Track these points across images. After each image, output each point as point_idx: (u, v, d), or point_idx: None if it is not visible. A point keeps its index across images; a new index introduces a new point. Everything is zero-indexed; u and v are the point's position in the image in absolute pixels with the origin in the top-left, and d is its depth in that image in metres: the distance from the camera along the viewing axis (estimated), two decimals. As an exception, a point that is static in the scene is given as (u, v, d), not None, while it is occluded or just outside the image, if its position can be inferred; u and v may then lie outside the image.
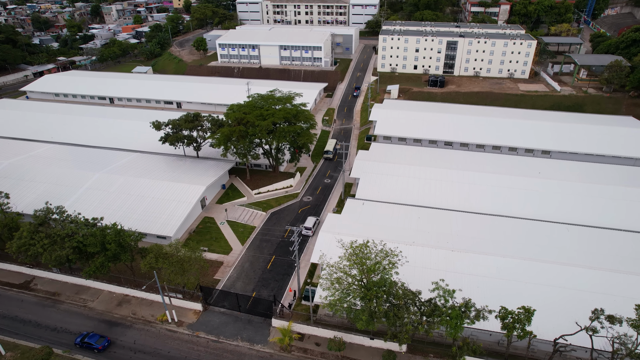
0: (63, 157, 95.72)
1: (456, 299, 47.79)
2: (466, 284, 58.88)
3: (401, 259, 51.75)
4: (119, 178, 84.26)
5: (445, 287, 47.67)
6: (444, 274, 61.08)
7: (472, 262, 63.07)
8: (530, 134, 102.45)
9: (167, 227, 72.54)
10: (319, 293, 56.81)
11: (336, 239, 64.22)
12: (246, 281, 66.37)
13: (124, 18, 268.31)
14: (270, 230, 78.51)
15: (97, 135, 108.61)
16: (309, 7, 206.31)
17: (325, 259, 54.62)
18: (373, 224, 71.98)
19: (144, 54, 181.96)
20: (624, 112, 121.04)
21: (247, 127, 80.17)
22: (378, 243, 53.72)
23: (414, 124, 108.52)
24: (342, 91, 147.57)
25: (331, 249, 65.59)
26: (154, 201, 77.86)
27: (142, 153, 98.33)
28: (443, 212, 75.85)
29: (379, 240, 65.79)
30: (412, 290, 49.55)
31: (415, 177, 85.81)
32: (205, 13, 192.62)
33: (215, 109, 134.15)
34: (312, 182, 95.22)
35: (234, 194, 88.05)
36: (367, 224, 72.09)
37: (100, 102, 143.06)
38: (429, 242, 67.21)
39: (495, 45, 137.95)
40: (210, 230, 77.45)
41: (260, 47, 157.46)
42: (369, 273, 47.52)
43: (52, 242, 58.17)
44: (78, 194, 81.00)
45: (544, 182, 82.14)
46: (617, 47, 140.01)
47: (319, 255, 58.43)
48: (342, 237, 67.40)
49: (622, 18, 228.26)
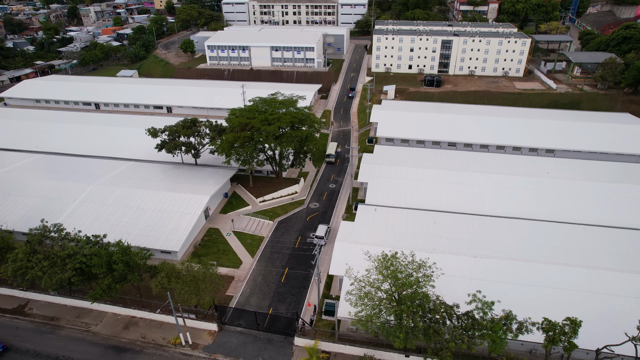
0: (51, 168, 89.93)
1: (494, 310, 45.45)
2: (493, 292, 56.33)
3: (435, 270, 49.10)
4: (115, 189, 79.31)
5: (482, 299, 45.28)
6: (469, 282, 59.11)
7: (496, 268, 61.05)
8: (533, 132, 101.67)
9: (171, 241, 68.24)
10: (344, 308, 53.80)
11: (362, 250, 61.33)
12: (261, 296, 62.73)
13: (103, 20, 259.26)
14: (279, 240, 75.00)
15: (86, 144, 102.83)
16: (297, 7, 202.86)
17: (352, 272, 51.51)
18: (388, 231, 69.36)
19: (128, 57, 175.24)
20: (620, 109, 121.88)
21: (252, 133, 76.39)
22: (408, 254, 50.93)
23: (416, 125, 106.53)
24: (337, 92, 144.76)
25: (349, 259, 62.77)
26: (156, 213, 73.35)
27: (137, 162, 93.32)
28: (458, 216, 73.77)
29: (399, 249, 63.51)
30: (447, 303, 46.95)
31: (424, 180, 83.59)
32: (191, 14, 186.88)
33: (208, 113, 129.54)
34: (317, 188, 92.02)
35: (237, 202, 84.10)
36: (382, 231, 69.41)
37: (85, 108, 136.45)
38: (449, 248, 64.93)
39: (490, 44, 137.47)
40: (216, 243, 73.42)
41: (251, 48, 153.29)
42: (406, 288, 44.67)
43: (52, 263, 53.40)
44: (72, 208, 75.75)
45: (556, 182, 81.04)
46: (608, 45, 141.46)
47: (345, 268, 55.26)
48: (359, 246, 64.58)
49: (603, 16, 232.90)
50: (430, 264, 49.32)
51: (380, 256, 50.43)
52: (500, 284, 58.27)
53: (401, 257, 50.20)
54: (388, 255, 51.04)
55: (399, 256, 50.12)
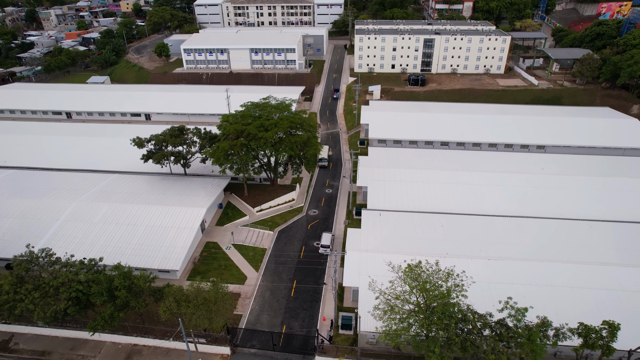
0: (25, 185, 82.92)
1: (526, 317, 43.96)
2: (512, 295, 55.48)
3: (465, 279, 47.22)
4: (101, 205, 73.66)
5: (514, 305, 43.71)
6: (487, 286, 57.79)
7: (511, 269, 60.04)
8: (523, 129, 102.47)
9: (170, 259, 63.61)
10: (368, 322, 51.29)
11: (375, 258, 59.16)
12: (271, 313, 59.25)
13: (65, 23, 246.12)
14: (283, 251, 71.62)
15: (62, 157, 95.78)
16: (272, 7, 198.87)
17: (376, 285, 48.95)
18: (397, 237, 67.37)
19: (97, 63, 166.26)
20: (599, 103, 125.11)
21: (248, 140, 72.62)
22: (432, 262, 48.86)
23: (407, 125, 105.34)
24: (321, 94, 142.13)
25: (362, 269, 60.33)
26: (150, 230, 68.42)
27: (121, 174, 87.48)
28: (464, 217, 72.64)
29: (412, 255, 61.67)
30: (477, 312, 45.16)
31: (425, 181, 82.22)
32: (164, 16, 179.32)
33: (190, 120, 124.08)
34: (314, 194, 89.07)
35: (234, 213, 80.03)
36: (391, 237, 67.36)
37: (55, 118, 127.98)
38: (462, 252, 63.56)
39: (472, 42, 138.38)
40: (216, 257, 69.25)
41: (229, 51, 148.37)
42: (440, 300, 42.48)
43: (44, 294, 48.14)
44: (54, 229, 69.67)
45: (555, 178, 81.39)
46: (582, 41, 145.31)
47: (368, 281, 52.60)
48: (371, 254, 62.37)
49: (567, 13, 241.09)
50: (458, 271, 47.43)
51: (404, 266, 48.21)
52: (518, 285, 57.18)
53: (425, 265, 48.11)
54: (411, 264, 48.99)
55: (423, 265, 48.04)
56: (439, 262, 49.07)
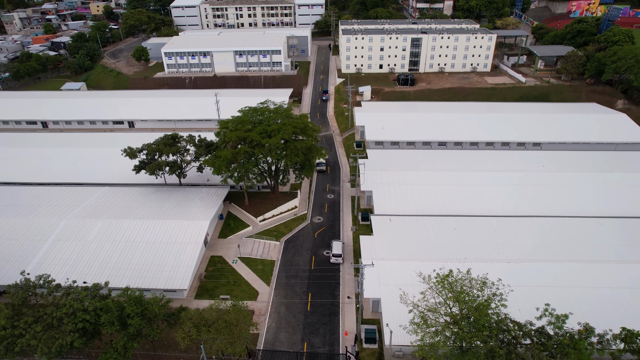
0: (4, 202, 76.61)
1: (566, 324, 42.65)
2: (537, 298, 54.49)
3: (500, 287, 45.51)
4: (95, 222, 68.56)
5: (552, 312, 42.31)
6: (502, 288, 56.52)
7: (532, 272, 59.10)
8: (518, 127, 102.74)
9: (177, 277, 59.48)
10: (400, 336, 49.04)
11: (393, 267, 56.95)
12: (290, 330, 56.15)
13: (30, 27, 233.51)
14: (292, 262, 68.54)
15: (42, 169, 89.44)
16: (252, 9, 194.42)
17: (408, 298, 46.69)
18: (412, 243, 65.49)
19: (70, 68, 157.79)
20: (584, 98, 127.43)
21: (252, 147, 69.14)
22: (464, 271, 47.01)
23: (403, 126, 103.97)
24: (310, 96, 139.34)
25: (382, 278, 58.11)
26: (151, 247, 64.00)
27: (111, 186, 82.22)
28: (475, 219, 71.52)
29: (430, 261, 59.97)
30: (517, 320, 43.58)
31: (430, 183, 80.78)
32: (140, 19, 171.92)
33: (176, 126, 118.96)
34: (315, 200, 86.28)
35: (236, 224, 76.24)
36: (405, 243, 65.41)
37: (29, 128, 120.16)
38: (481, 255, 62.24)
39: (459, 41, 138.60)
40: (223, 273, 65.48)
41: (213, 53, 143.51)
42: (483, 312, 40.55)
43: (47, 326, 43.48)
44: (44, 250, 64.24)
45: (559, 175, 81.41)
46: (564, 38, 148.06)
47: (399, 293, 50.25)
48: (389, 263, 60.23)
49: (540, 11, 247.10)
50: (492, 279, 45.75)
51: (433, 275, 46.22)
52: (541, 288, 56.26)
53: (457, 274, 46.23)
54: (440, 273, 47.08)
55: (455, 274, 46.16)
56: (470, 270, 47.19)
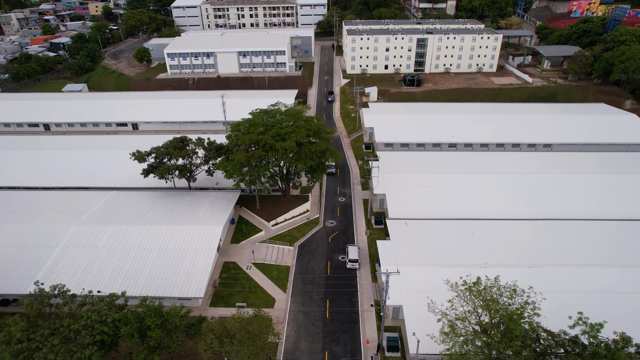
0: (11, 207, 74.82)
1: (601, 333, 41.50)
2: (563, 304, 53.51)
3: (532, 295, 44.33)
4: (105, 228, 66.88)
5: (586, 320, 41.15)
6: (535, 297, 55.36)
7: (554, 277, 58.00)
8: (528, 128, 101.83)
9: (191, 285, 57.91)
10: (427, 345, 47.75)
11: (425, 274, 56.14)
12: (309, 339, 54.75)
13: (28, 28, 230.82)
14: (307, 268, 67.14)
15: (47, 173, 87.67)
16: (254, 9, 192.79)
17: (436, 307, 45.43)
18: (430, 247, 64.27)
19: (71, 70, 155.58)
20: (592, 99, 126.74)
21: (265, 150, 67.68)
22: (489, 278, 45.83)
23: (413, 127, 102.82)
24: (315, 97, 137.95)
25: (403, 285, 56.82)
26: (164, 253, 62.41)
27: (118, 190, 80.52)
28: (492, 222, 70.45)
29: (451, 267, 58.81)
30: (549, 329, 42.41)
31: (444, 185, 79.67)
32: (141, 19, 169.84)
33: (181, 128, 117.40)
34: (327, 203, 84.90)
35: (248, 228, 74.75)
36: (424, 248, 64.18)
37: (31, 131, 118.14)
38: (502, 260, 61.09)
39: (464, 41, 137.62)
40: (238, 279, 63.97)
41: (216, 54, 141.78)
42: (518, 321, 39.32)
43: (64, 339, 41.86)
44: (54, 257, 62.50)
45: (577, 177, 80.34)
46: (569, 38, 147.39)
47: (424, 301, 48.96)
48: (409, 269, 58.86)
49: (541, 11, 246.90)
50: (524, 287, 44.59)
51: (462, 283, 45.02)
52: (566, 294, 55.17)
53: (485, 282, 45.06)
54: (467, 281, 45.94)
55: (483, 282, 44.99)
56: (499, 277, 45.93)
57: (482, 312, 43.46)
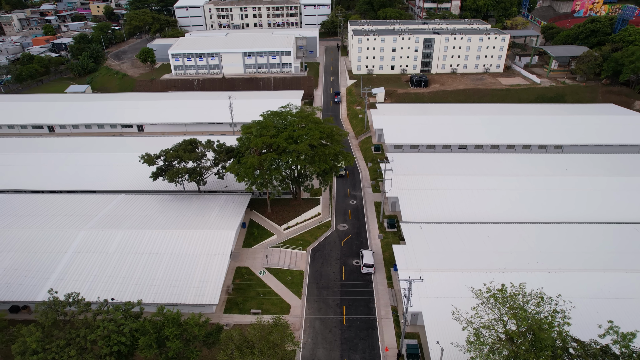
0: (19, 212, 73.57)
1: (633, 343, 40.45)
2: (586, 311, 52.44)
3: (559, 302, 43.27)
4: (115, 233, 65.69)
5: (617, 329, 40.09)
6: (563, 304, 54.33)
7: (576, 282, 56.92)
8: (538, 129, 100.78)
9: (206, 292, 56.70)
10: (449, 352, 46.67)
11: (444, 279, 54.86)
12: (327, 346, 53.66)
13: (29, 28, 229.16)
14: (321, 272, 66.03)
15: (53, 176, 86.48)
16: (257, 9, 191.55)
17: (461, 315, 44.36)
18: (447, 252, 63.19)
19: (74, 70, 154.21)
20: (601, 99, 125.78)
21: (278, 153, 66.55)
22: (517, 285, 44.76)
23: (422, 128, 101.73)
24: (321, 98, 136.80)
25: (422, 290, 55.70)
26: (176, 259, 61.24)
27: (126, 194, 79.32)
28: (508, 226, 69.35)
29: (469, 272, 57.80)
30: (579, 339, 41.36)
31: (457, 188, 78.58)
32: (145, 19, 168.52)
33: (187, 129, 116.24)
34: (338, 206, 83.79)
35: (260, 232, 73.59)
36: (440, 252, 63.09)
37: (36, 132, 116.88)
38: (520, 265, 60.03)
39: (471, 41, 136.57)
40: (251, 285, 62.83)
41: (221, 55, 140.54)
42: (549, 329, 38.27)
43: (80, 349, 40.70)
44: (64, 263, 61.28)
45: (591, 179, 79.32)
46: (576, 38, 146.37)
47: (444, 306, 47.87)
48: (427, 274, 57.68)
49: (545, 11, 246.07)
50: (551, 294, 43.57)
51: (485, 290, 44.00)
52: (587, 300, 54.11)
53: (511, 289, 44.03)
54: (491, 288, 44.90)
55: (508, 289, 43.97)
56: (524, 284, 44.85)
57: (509, 320, 42.45)
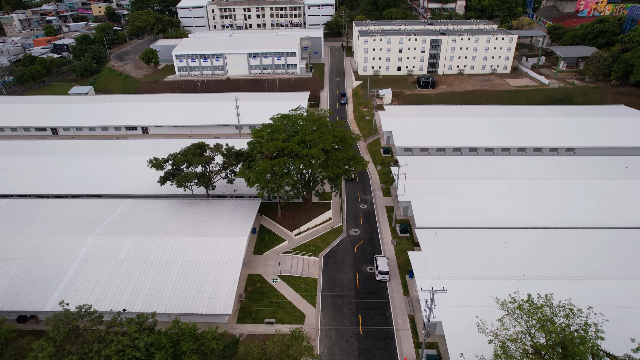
0: (24, 217, 72.05)
1: (664, 355, 39.16)
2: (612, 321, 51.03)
3: (591, 315, 41.87)
4: (124, 240, 64.21)
5: (649, 343, 38.80)
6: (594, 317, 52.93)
7: (598, 290, 55.48)
8: (549, 131, 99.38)
9: (219, 301, 55.21)
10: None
11: (463, 288, 53.48)
12: (344, 357, 52.23)
13: (30, 29, 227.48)
14: (335, 280, 64.58)
15: (58, 180, 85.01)
16: (260, 9, 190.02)
17: (487, 327, 42.93)
18: (464, 258, 61.75)
19: (76, 72, 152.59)
20: (610, 100, 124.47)
21: (291, 158, 65.10)
22: (543, 296, 43.38)
23: (432, 131, 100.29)
24: (327, 99, 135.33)
25: (441, 299, 54.19)
26: (188, 266, 59.75)
27: (134, 199, 77.80)
28: (525, 231, 67.98)
29: (488, 279, 56.47)
30: (612, 354, 40.01)
31: (470, 192, 77.14)
32: (148, 20, 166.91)
33: (192, 132, 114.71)
34: (348, 210, 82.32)
35: (271, 238, 72.13)
36: (457, 259, 61.66)
37: (39, 135, 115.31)
38: (540, 272, 58.61)
39: (479, 42, 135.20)
40: (264, 293, 61.37)
41: (226, 56, 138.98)
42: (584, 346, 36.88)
43: (94, 365, 39.26)
44: (72, 271, 59.77)
45: (611, 183, 77.91)
46: (584, 38, 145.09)
47: (476, 321, 46.34)
48: (445, 282, 56.26)
49: (548, 10, 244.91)
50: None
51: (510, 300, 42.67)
52: (613, 309, 52.60)
53: (537, 300, 42.67)
54: (515, 298, 43.56)
55: (535, 299, 42.62)
56: (551, 296, 43.45)
57: (536, 332, 41.10)
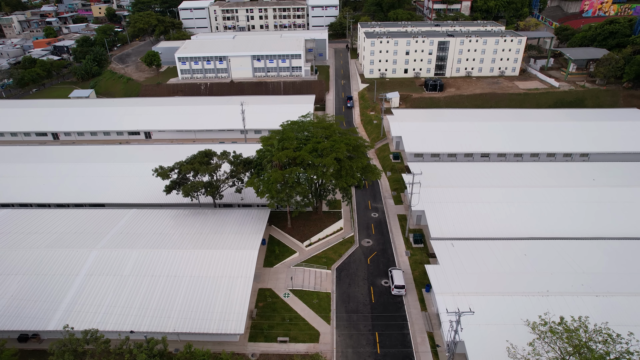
0: (25, 229, 69.53)
1: None
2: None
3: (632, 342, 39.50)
4: (130, 253, 61.72)
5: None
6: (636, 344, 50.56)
7: (630, 308, 52.95)
8: (563, 136, 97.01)
9: (230, 319, 52.77)
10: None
11: (485, 305, 50.93)
12: (363, 380, 49.81)
13: (30, 30, 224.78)
14: (349, 294, 62.11)
15: (60, 188, 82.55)
16: (263, 10, 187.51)
17: (518, 352, 40.56)
18: (484, 272, 59.35)
19: (77, 74, 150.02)
20: (622, 104, 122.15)
21: (303, 167, 62.64)
22: (578, 319, 40.99)
23: (442, 136, 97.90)
24: (333, 102, 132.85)
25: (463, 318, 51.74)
26: (196, 282, 57.28)
27: (138, 208, 75.37)
28: (545, 242, 65.51)
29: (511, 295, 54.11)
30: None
31: (486, 201, 74.70)
32: (149, 22, 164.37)
33: (196, 137, 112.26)
34: (359, 220, 79.89)
35: (281, 250, 69.66)
36: (477, 273, 59.25)
37: (39, 140, 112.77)
38: (564, 287, 56.21)
39: (487, 44, 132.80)
40: (276, 309, 58.90)
41: (230, 58, 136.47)
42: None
43: (101, 396, 36.80)
44: (76, 287, 57.26)
45: (625, 190, 75.61)
46: (594, 40, 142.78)
47: (506, 346, 43.94)
48: (467, 298, 53.90)
49: (553, 11, 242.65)
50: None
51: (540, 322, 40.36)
52: (642, 327, 50.27)
53: (571, 323, 40.33)
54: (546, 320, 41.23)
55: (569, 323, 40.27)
56: (587, 319, 41.05)
57: (570, 358, 38.75)
